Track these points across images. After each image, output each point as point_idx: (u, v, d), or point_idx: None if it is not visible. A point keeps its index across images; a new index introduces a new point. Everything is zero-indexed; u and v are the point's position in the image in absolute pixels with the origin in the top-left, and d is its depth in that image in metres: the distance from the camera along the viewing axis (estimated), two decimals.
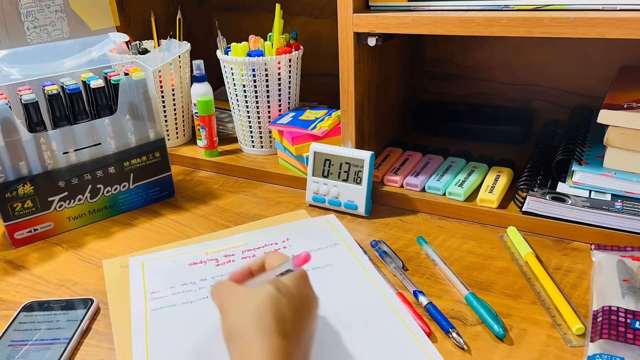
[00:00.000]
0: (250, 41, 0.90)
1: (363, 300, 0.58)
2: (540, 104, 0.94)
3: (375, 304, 0.57)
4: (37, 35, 0.93)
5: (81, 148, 0.74)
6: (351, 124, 0.77)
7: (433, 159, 0.84)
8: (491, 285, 0.60)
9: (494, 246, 0.67)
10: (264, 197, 0.84)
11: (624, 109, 0.63)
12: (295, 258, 0.47)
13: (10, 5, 0.88)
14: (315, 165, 0.78)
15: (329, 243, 0.69)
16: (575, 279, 0.60)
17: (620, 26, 0.56)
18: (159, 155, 0.81)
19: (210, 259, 0.67)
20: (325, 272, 0.63)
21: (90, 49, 0.79)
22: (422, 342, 0.52)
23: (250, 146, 0.95)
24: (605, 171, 0.66)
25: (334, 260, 0.65)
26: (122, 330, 0.56)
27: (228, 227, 0.75)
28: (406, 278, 0.61)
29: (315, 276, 0.61)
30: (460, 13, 0.65)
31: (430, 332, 0.53)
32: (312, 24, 1.06)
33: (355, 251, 0.67)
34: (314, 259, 0.63)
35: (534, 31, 0.61)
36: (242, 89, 0.90)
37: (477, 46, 0.95)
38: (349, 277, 0.62)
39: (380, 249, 0.67)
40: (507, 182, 0.76)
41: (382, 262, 0.65)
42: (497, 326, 0.52)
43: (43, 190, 0.72)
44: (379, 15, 0.69)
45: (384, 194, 0.79)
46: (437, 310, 0.55)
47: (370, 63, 0.78)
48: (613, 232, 0.65)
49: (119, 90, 0.75)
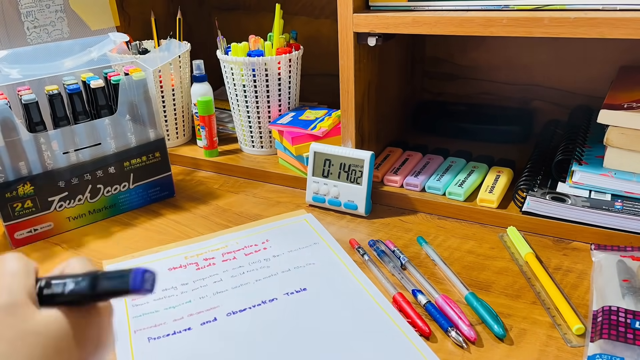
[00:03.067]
0: (250, 41, 0.90)
1: (348, 298, 0.59)
2: (540, 104, 0.94)
3: (360, 302, 0.58)
4: (37, 35, 0.93)
5: (81, 148, 0.74)
6: (351, 124, 0.77)
7: (433, 159, 0.84)
8: (491, 285, 0.60)
9: (493, 246, 0.67)
10: (264, 197, 0.84)
11: (624, 109, 0.63)
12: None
13: (10, 5, 0.88)
14: (315, 165, 0.78)
15: (309, 242, 0.69)
16: (575, 279, 0.60)
17: (620, 26, 0.56)
18: (159, 155, 0.81)
19: (190, 263, 0.67)
20: (308, 271, 0.64)
21: (90, 49, 0.79)
22: (409, 336, 0.52)
23: (250, 146, 0.95)
24: (605, 171, 0.66)
25: (316, 259, 0.66)
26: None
27: (228, 227, 0.75)
28: (405, 277, 0.61)
29: (298, 275, 0.62)
30: (460, 13, 0.65)
31: (430, 332, 0.53)
32: (312, 24, 1.06)
33: (335, 249, 0.67)
34: (295, 258, 0.65)
35: (534, 31, 0.61)
36: (242, 89, 0.90)
37: (477, 46, 0.95)
38: (332, 275, 0.63)
39: (379, 248, 0.67)
40: (507, 182, 0.76)
41: (380, 261, 0.65)
42: (497, 326, 0.52)
43: (43, 190, 0.72)
44: (379, 15, 0.69)
45: (384, 194, 0.79)
46: (436, 309, 0.55)
47: (370, 63, 0.78)
48: (613, 232, 0.65)
49: (119, 90, 0.75)
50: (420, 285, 0.60)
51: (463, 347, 0.51)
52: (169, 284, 0.63)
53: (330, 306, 0.57)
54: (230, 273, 0.64)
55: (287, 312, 0.57)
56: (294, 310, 0.57)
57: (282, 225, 0.74)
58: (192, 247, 0.70)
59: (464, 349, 0.51)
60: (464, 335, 0.52)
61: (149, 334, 0.56)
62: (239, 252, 0.68)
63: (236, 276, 0.64)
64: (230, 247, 0.70)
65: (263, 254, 0.68)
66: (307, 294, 0.59)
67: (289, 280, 0.62)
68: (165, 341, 0.55)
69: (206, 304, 0.59)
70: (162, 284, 0.63)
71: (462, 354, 0.51)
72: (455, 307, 0.55)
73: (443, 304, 0.55)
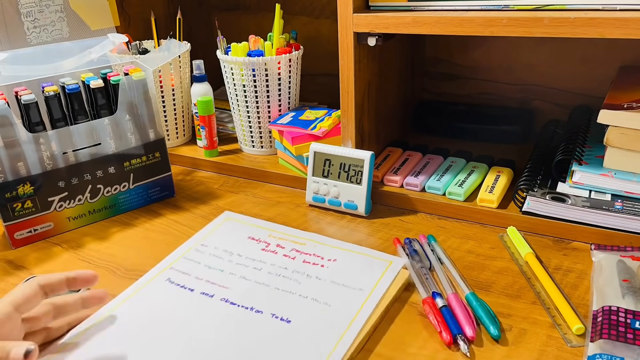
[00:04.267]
0: (250, 41, 0.90)
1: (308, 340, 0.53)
2: (540, 104, 0.94)
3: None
4: (37, 35, 0.93)
5: (81, 148, 0.74)
6: (351, 124, 0.77)
7: (433, 159, 0.84)
8: (491, 285, 0.60)
9: (493, 246, 0.67)
10: (264, 197, 0.84)
11: (624, 109, 0.63)
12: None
13: (10, 5, 0.88)
14: (315, 165, 0.78)
15: (358, 286, 0.60)
16: (575, 279, 0.60)
17: (620, 26, 0.56)
18: (159, 155, 0.81)
19: (265, 242, 0.69)
20: (314, 307, 0.57)
21: (89, 50, 0.79)
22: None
23: (250, 146, 0.95)
24: (605, 171, 0.66)
25: (336, 302, 0.57)
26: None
27: None
28: (429, 278, 0.60)
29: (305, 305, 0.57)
30: (460, 13, 0.65)
31: (451, 341, 0.51)
32: (312, 24, 1.06)
33: (371, 300, 0.57)
34: (324, 291, 0.59)
35: (534, 31, 0.61)
36: (242, 89, 0.90)
37: (477, 46, 0.95)
38: (329, 322, 0.55)
39: (412, 247, 0.66)
40: (507, 182, 0.76)
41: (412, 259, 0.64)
42: (492, 327, 0.52)
43: (43, 191, 0.72)
44: (379, 15, 0.69)
45: (384, 194, 0.79)
46: (449, 315, 0.54)
47: (370, 63, 0.78)
48: (613, 232, 0.65)
49: (119, 90, 0.75)
50: (442, 287, 0.59)
51: (467, 356, 0.50)
52: (234, 249, 0.67)
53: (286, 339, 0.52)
54: (272, 269, 0.63)
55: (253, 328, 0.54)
56: (257, 329, 0.53)
57: (364, 254, 0.66)
58: (284, 229, 0.72)
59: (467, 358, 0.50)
60: (467, 337, 0.52)
61: (173, 276, 0.62)
62: (302, 256, 0.66)
63: (271, 274, 0.62)
64: (304, 248, 0.67)
65: (315, 270, 0.63)
66: (287, 327, 0.54)
67: (291, 305, 0.57)
68: (174, 289, 0.59)
69: (225, 280, 0.61)
70: (231, 247, 0.67)
71: (462, 354, 0.51)
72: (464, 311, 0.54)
73: (456, 307, 0.55)
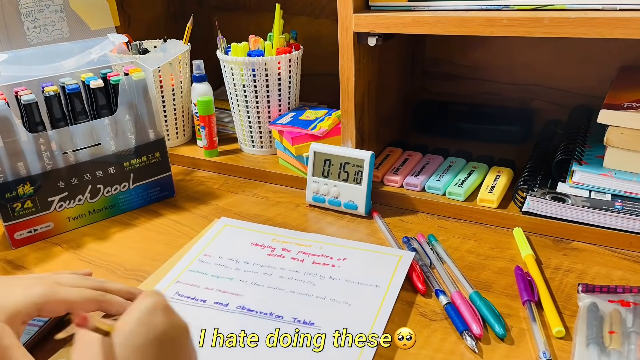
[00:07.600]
0: (250, 41, 0.90)
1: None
2: (540, 104, 0.94)
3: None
4: (37, 35, 0.93)
5: (81, 148, 0.74)
6: (351, 124, 0.77)
7: (433, 159, 0.83)
8: (491, 285, 0.60)
9: (494, 246, 0.67)
10: (264, 197, 0.84)
11: (624, 109, 0.63)
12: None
13: (10, 5, 0.88)
14: (315, 165, 0.78)
15: (374, 282, 0.60)
16: (575, 279, 0.60)
17: (620, 26, 0.56)
18: (159, 155, 0.81)
19: (270, 246, 0.68)
20: (337, 308, 0.57)
21: (89, 50, 0.79)
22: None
23: (250, 146, 0.95)
24: (605, 171, 0.66)
25: (357, 300, 0.58)
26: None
27: None
28: (431, 276, 0.61)
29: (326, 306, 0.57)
30: (460, 13, 0.65)
31: (425, 291, 0.52)
32: (312, 24, 1.06)
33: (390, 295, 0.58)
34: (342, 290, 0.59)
35: (534, 31, 0.61)
36: (242, 89, 0.90)
37: (477, 46, 0.95)
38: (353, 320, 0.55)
39: (410, 245, 0.67)
40: (507, 182, 0.76)
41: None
42: (497, 326, 0.52)
43: (43, 191, 0.72)
44: (379, 15, 0.69)
45: (384, 194, 0.79)
46: (454, 312, 0.55)
47: (370, 63, 0.78)
48: (613, 232, 0.65)
49: (119, 90, 0.75)
50: (444, 286, 0.60)
51: (475, 352, 0.50)
52: (240, 257, 0.66)
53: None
54: (282, 273, 0.63)
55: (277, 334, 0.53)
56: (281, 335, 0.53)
57: (372, 251, 0.66)
58: (286, 232, 0.71)
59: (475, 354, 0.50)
60: (474, 335, 0.52)
61: (181, 289, 0.60)
62: (311, 257, 0.65)
63: (283, 278, 0.62)
64: (311, 249, 0.67)
65: (326, 270, 0.63)
66: (311, 329, 0.54)
67: (311, 308, 0.57)
68: (185, 302, 0.58)
69: (237, 288, 0.60)
70: (236, 255, 0.66)
71: (463, 354, 0.51)
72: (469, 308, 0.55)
73: (460, 305, 0.55)
